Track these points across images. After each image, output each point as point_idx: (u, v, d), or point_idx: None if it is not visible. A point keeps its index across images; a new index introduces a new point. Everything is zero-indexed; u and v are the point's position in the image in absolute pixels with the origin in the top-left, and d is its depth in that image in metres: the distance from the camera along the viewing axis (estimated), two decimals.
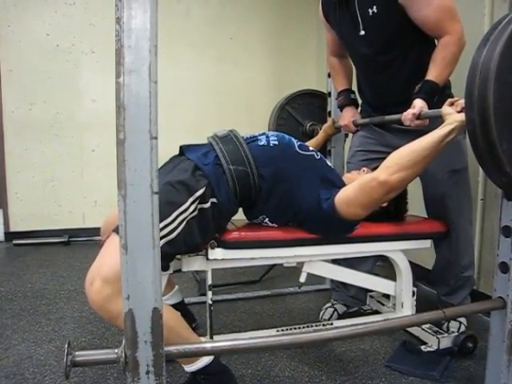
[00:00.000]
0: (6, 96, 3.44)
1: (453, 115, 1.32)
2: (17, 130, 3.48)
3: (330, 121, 2.13)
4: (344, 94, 1.99)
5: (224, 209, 1.37)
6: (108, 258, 1.14)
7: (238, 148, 1.42)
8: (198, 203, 1.30)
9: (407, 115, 1.57)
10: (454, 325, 1.80)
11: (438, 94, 1.57)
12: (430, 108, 1.54)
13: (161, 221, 1.20)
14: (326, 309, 2.04)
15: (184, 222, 1.26)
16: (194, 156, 1.40)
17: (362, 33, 1.67)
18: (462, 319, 1.82)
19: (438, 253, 1.87)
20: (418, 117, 1.55)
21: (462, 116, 1.25)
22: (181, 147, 1.50)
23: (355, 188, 1.41)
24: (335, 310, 2.02)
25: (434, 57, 1.57)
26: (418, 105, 1.55)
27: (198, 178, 1.32)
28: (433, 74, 1.55)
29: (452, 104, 1.37)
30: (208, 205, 1.32)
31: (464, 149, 1.74)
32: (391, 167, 1.34)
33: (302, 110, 2.31)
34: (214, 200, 1.34)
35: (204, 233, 1.36)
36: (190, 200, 1.28)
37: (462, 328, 1.80)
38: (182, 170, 1.34)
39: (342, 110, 2.02)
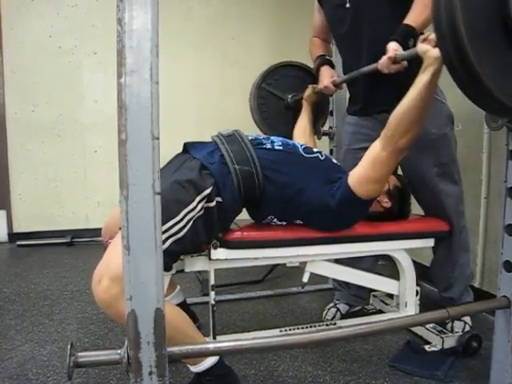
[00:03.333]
0: (9, 97, 3.45)
1: (429, 52, 1.25)
2: (20, 131, 3.48)
3: (309, 89, 2.08)
4: (320, 58, 1.99)
5: (229, 208, 1.38)
6: (115, 256, 1.12)
7: (243, 148, 1.43)
8: (205, 202, 1.31)
9: (383, 62, 1.51)
10: (458, 325, 1.79)
11: (414, 38, 1.51)
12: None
13: (169, 219, 1.21)
14: (329, 309, 2.03)
15: (191, 221, 1.27)
16: (200, 155, 1.40)
17: (348, 5, 1.71)
18: (467, 319, 1.81)
19: (435, 246, 1.83)
20: (395, 61, 1.49)
21: (438, 50, 1.19)
22: (185, 144, 1.51)
23: (367, 165, 1.41)
24: (338, 309, 2.02)
25: (413, 3, 1.55)
26: (392, 47, 1.49)
27: (205, 177, 1.33)
28: (410, 18, 1.53)
29: (425, 40, 1.30)
30: (213, 204, 1.33)
31: (451, 142, 1.74)
32: (394, 136, 1.34)
33: (279, 85, 2.23)
34: (219, 199, 1.34)
35: (209, 232, 1.36)
36: (198, 199, 1.28)
37: (467, 328, 1.78)
38: (189, 169, 1.35)
39: (318, 73, 2.00)
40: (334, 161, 1.65)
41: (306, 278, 1.63)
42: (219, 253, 1.47)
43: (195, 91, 3.78)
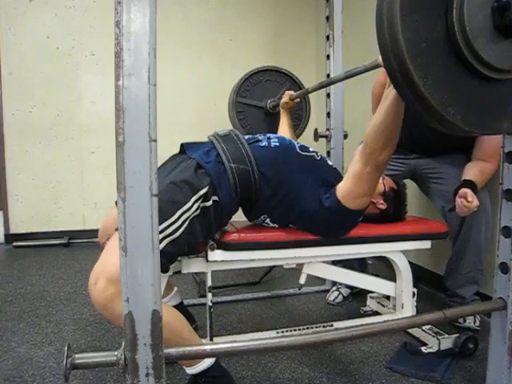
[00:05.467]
0: (7, 98, 3.44)
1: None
2: (17, 132, 3.48)
3: (285, 97, 2.11)
4: None
5: (225, 206, 1.38)
6: (112, 257, 1.12)
7: (239, 147, 1.44)
8: (201, 202, 1.31)
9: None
10: (470, 316, 1.86)
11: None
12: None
13: (164, 220, 1.21)
14: (332, 292, 2.24)
15: (187, 221, 1.27)
16: (196, 154, 1.40)
17: None
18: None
19: (455, 242, 1.87)
20: None
21: None
22: (181, 145, 1.51)
23: (351, 182, 1.44)
24: (340, 293, 2.22)
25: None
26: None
27: (201, 177, 1.33)
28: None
29: None
30: (210, 203, 1.33)
31: None
32: (373, 153, 1.36)
33: (254, 94, 2.25)
34: (216, 198, 1.35)
35: (206, 231, 1.37)
36: (194, 199, 1.29)
37: (477, 322, 1.86)
38: (184, 169, 1.35)
39: None
40: (330, 162, 1.65)
41: (302, 280, 1.64)
42: (216, 254, 1.47)
43: (193, 93, 3.79)
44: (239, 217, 1.59)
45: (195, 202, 1.29)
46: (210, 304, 1.55)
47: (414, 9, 0.80)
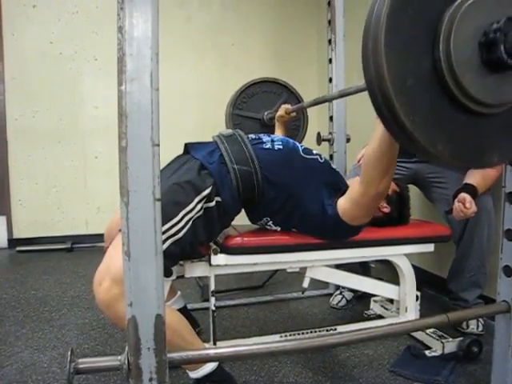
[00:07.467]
0: (10, 103, 3.46)
1: None
2: (20, 137, 3.49)
3: (281, 110, 2.11)
4: None
5: (228, 207, 1.39)
6: (116, 257, 1.13)
7: (242, 148, 1.44)
8: (204, 202, 1.31)
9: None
10: (472, 322, 1.85)
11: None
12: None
13: (168, 220, 1.21)
14: (335, 295, 2.24)
15: (190, 222, 1.28)
16: (200, 155, 1.41)
17: None
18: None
19: (459, 245, 1.87)
20: None
21: None
22: (185, 145, 1.52)
23: (352, 205, 1.42)
24: (343, 296, 2.21)
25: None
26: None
27: (204, 177, 1.34)
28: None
29: None
30: (213, 203, 1.34)
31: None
32: (372, 182, 1.33)
33: (251, 105, 2.25)
34: (219, 199, 1.35)
35: (209, 232, 1.37)
36: (197, 199, 1.29)
37: (480, 327, 1.84)
38: (188, 170, 1.36)
39: None
40: (333, 166, 1.65)
41: (306, 284, 1.63)
42: (219, 258, 1.47)
43: (196, 96, 3.79)
44: (242, 221, 1.59)
45: (198, 202, 1.30)
46: (213, 308, 1.55)
47: (400, 44, 0.77)
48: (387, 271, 2.24)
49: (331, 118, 2.31)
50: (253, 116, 2.21)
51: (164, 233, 1.20)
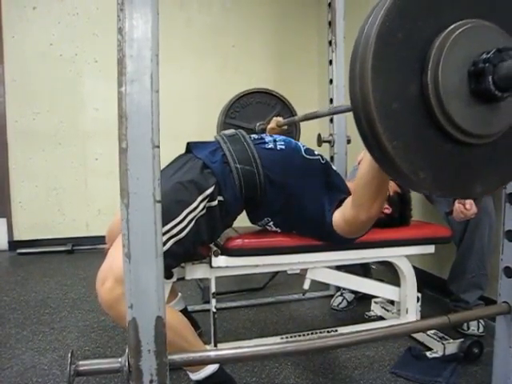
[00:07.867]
0: (10, 105, 3.46)
1: None
2: (20, 139, 3.50)
3: (273, 122, 2.12)
4: None
5: (230, 207, 1.39)
6: (118, 257, 1.12)
7: (245, 148, 1.44)
8: (207, 201, 1.31)
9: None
10: (473, 323, 1.85)
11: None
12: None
13: (170, 220, 1.21)
14: (336, 297, 2.23)
15: (193, 221, 1.28)
16: (203, 154, 1.41)
17: None
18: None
19: (459, 246, 1.87)
20: None
21: None
22: (188, 144, 1.52)
23: (344, 222, 1.41)
24: (344, 298, 2.21)
25: None
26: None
27: (207, 176, 1.34)
28: None
29: None
30: (215, 203, 1.34)
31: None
32: (364, 205, 1.31)
33: (243, 116, 2.24)
34: (221, 198, 1.35)
35: (212, 231, 1.37)
36: (200, 199, 1.29)
37: (481, 328, 1.84)
38: (190, 169, 1.36)
39: None
40: (334, 167, 1.65)
41: (306, 285, 1.63)
42: (220, 260, 1.47)
43: (196, 99, 3.80)
44: (243, 222, 1.59)
45: (201, 201, 1.30)
46: (214, 310, 1.55)
47: (387, 67, 0.75)
48: (388, 272, 2.25)
49: (332, 120, 2.31)
50: (244, 126, 2.21)
51: (166, 232, 1.20)
